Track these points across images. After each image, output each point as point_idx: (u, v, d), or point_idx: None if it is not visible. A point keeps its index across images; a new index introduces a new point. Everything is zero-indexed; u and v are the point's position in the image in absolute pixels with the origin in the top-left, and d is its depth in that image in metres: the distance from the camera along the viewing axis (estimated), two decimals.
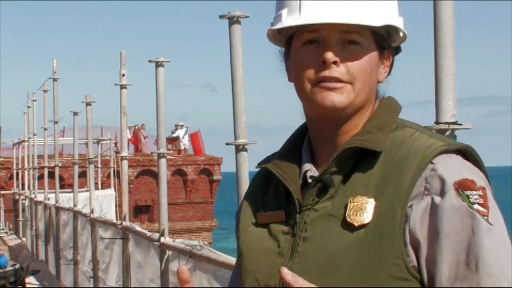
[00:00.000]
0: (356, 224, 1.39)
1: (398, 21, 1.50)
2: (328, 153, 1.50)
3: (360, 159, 1.46)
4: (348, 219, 1.40)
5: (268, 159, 1.60)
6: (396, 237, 1.37)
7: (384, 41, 1.50)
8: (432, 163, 1.39)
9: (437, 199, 1.37)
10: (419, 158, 1.40)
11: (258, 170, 1.65)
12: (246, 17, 4.04)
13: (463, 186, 1.37)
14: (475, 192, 1.37)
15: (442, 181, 1.37)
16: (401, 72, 1.58)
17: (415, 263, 1.37)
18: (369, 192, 1.41)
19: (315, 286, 1.32)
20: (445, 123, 2.35)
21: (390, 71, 1.54)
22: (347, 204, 1.42)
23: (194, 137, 34.13)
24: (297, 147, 1.57)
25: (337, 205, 1.43)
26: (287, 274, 1.30)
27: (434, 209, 1.37)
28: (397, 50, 1.56)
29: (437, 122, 2.36)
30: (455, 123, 2.35)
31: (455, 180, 1.37)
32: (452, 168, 1.39)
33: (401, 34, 1.52)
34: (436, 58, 2.38)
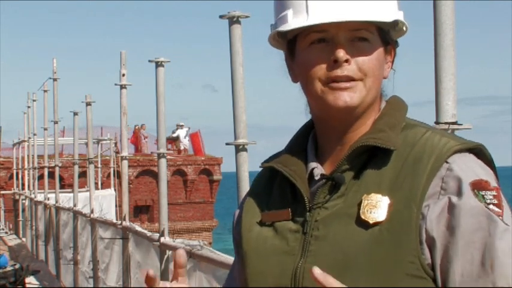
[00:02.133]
0: (371, 222, 1.39)
1: (401, 16, 1.51)
2: (337, 151, 1.50)
3: (370, 157, 1.45)
4: (362, 217, 1.40)
5: (272, 159, 1.59)
6: (412, 235, 1.37)
7: (388, 36, 1.50)
8: (447, 162, 1.40)
9: (454, 199, 1.37)
10: (434, 157, 1.40)
11: (260, 169, 1.64)
12: (246, 17, 4.05)
13: (478, 187, 1.38)
14: (489, 193, 1.38)
15: (459, 181, 1.38)
16: (402, 72, 1.58)
17: (429, 261, 1.37)
18: (382, 190, 1.41)
19: (345, 286, 1.29)
20: (445, 123, 2.35)
21: (392, 65, 1.54)
22: (360, 202, 1.42)
23: (194, 137, 34.13)
24: (302, 145, 1.57)
25: (350, 203, 1.43)
26: (318, 274, 1.27)
27: (451, 208, 1.37)
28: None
29: (437, 122, 2.36)
30: (455, 123, 2.35)
31: (471, 180, 1.38)
32: (467, 168, 1.40)
33: (404, 28, 1.52)
34: (436, 58, 2.38)
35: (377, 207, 1.40)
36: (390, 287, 1.37)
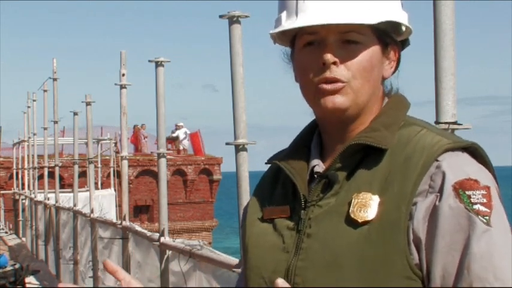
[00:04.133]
0: (359, 221, 1.39)
1: (399, 16, 1.50)
2: (338, 150, 1.50)
3: (365, 156, 1.46)
4: (352, 216, 1.40)
5: (277, 155, 1.60)
6: (400, 235, 1.37)
7: (387, 36, 1.50)
8: (437, 161, 1.39)
9: (436, 199, 1.37)
10: (425, 156, 1.40)
11: (268, 166, 1.65)
12: (246, 16, 4.04)
13: (464, 186, 1.36)
14: (478, 192, 1.36)
15: (443, 180, 1.37)
16: (402, 72, 1.58)
17: (417, 261, 1.37)
18: (373, 189, 1.41)
19: None
20: (445, 123, 2.35)
21: (398, 65, 1.54)
22: (351, 200, 1.42)
23: (194, 137, 34.11)
24: (306, 142, 1.58)
25: (341, 201, 1.44)
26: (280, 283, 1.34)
27: (434, 209, 1.37)
28: (405, 43, 1.56)
29: (437, 122, 2.36)
30: (455, 123, 2.36)
31: (457, 180, 1.37)
32: (456, 166, 1.38)
33: (403, 28, 1.52)
34: (436, 58, 2.38)
35: (367, 206, 1.40)
36: (378, 287, 1.36)
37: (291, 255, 1.46)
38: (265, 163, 1.64)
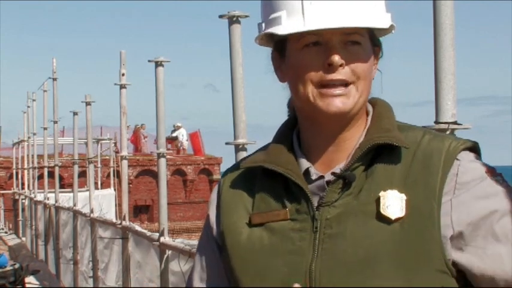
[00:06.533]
0: (392, 218, 1.41)
1: (389, 19, 1.52)
2: (330, 151, 1.51)
3: (376, 155, 1.48)
4: (383, 213, 1.42)
5: (254, 158, 1.58)
6: (435, 230, 1.40)
7: (376, 39, 1.53)
8: (458, 159, 1.45)
9: (482, 190, 1.43)
10: (443, 156, 1.45)
11: (231, 169, 1.64)
12: (246, 16, 4.04)
13: (494, 174, 1.46)
14: (500, 178, 1.47)
15: (474, 172, 1.45)
16: (402, 72, 1.59)
17: (450, 257, 1.41)
18: (395, 187, 1.44)
19: None
20: (445, 123, 2.35)
21: (376, 66, 1.56)
22: (378, 198, 1.43)
23: (194, 137, 34.11)
24: (288, 144, 1.56)
25: (364, 200, 1.44)
26: None
27: (484, 197, 1.43)
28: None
29: (437, 122, 2.36)
30: (455, 123, 2.36)
31: (485, 169, 1.46)
32: (475, 163, 1.47)
33: (393, 31, 1.54)
34: (436, 58, 2.38)
35: (395, 204, 1.42)
36: (416, 281, 1.39)
37: (308, 257, 1.44)
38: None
